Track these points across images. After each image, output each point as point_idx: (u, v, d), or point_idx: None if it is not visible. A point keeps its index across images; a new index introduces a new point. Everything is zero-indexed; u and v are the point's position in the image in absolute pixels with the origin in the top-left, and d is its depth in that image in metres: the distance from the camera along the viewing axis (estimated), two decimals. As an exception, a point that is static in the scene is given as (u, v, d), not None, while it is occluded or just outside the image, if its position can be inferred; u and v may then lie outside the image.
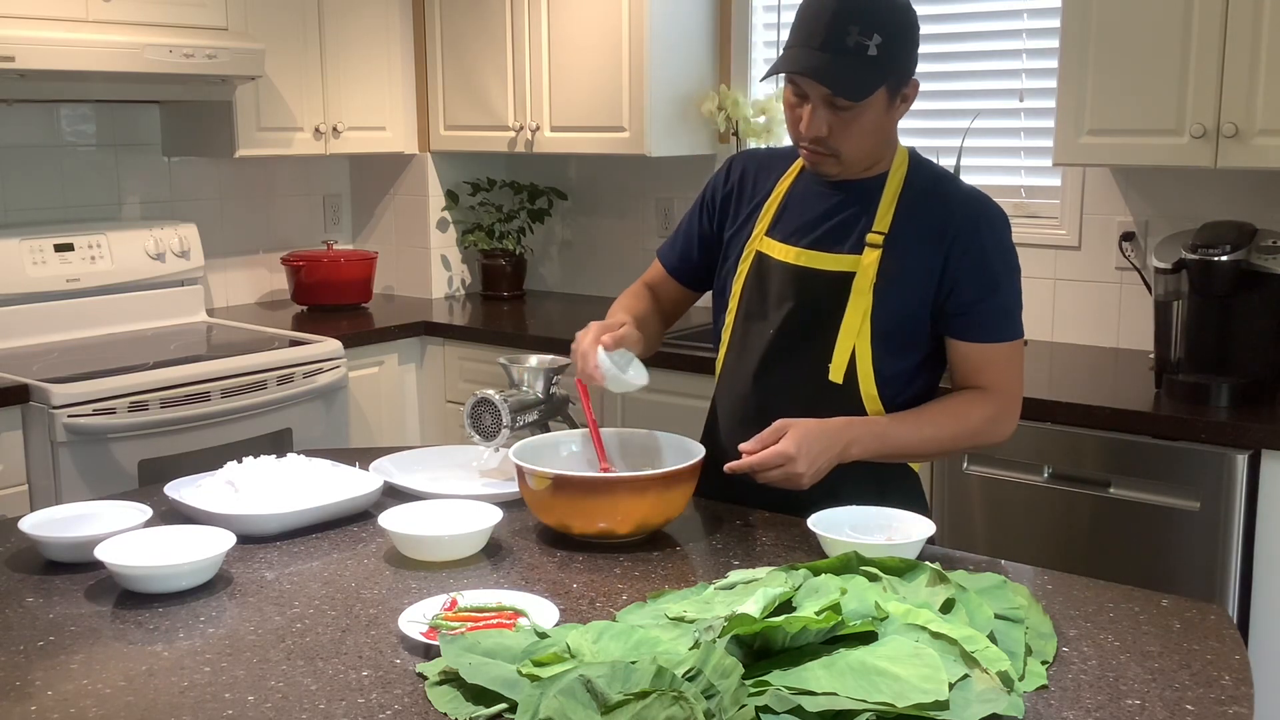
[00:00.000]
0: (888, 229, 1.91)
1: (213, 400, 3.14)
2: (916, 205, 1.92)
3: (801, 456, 1.78)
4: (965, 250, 1.89)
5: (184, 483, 1.99)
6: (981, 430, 1.94)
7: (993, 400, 1.93)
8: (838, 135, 1.86)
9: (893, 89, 1.86)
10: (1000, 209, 1.95)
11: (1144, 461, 2.61)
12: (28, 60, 3.00)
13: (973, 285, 1.89)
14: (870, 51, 1.80)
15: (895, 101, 1.88)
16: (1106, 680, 1.38)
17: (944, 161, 3.39)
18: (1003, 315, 1.92)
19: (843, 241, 1.93)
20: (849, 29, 1.79)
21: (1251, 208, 3.00)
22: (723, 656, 1.26)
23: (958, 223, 1.89)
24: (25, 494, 2.93)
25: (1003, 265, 1.92)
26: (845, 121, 1.85)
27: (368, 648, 1.48)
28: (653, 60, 3.65)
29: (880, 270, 1.89)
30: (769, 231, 2.00)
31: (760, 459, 1.79)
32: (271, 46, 3.63)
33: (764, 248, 2.00)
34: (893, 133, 1.95)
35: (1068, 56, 2.94)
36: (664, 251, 2.21)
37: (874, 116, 1.86)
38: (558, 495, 1.79)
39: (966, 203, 1.93)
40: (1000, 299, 1.91)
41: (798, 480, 1.80)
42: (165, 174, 3.89)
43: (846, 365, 1.91)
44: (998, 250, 1.91)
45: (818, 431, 1.82)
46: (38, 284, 3.42)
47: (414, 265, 4.34)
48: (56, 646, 1.49)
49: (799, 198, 2.00)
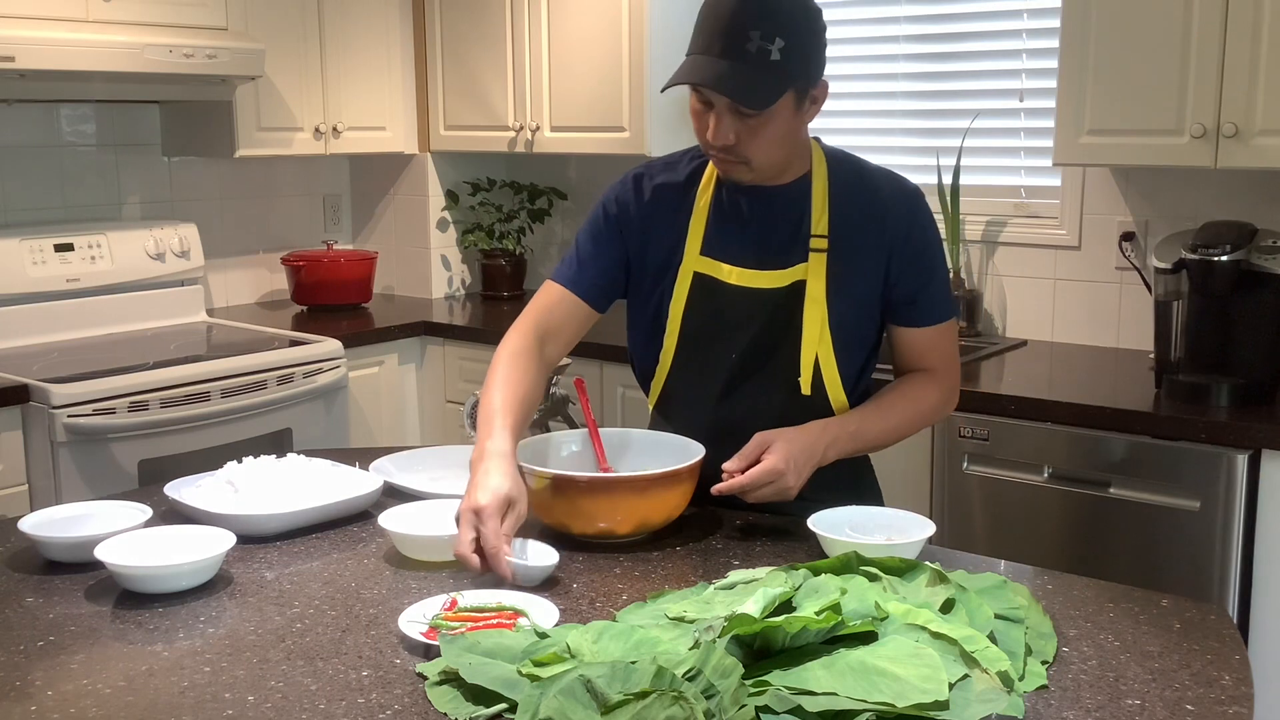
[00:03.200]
0: (827, 230, 1.90)
1: (213, 400, 3.14)
2: (848, 201, 1.92)
3: (791, 470, 1.78)
4: (906, 240, 1.91)
5: (184, 483, 1.99)
6: (936, 409, 2.00)
7: (940, 380, 1.99)
8: (746, 143, 1.82)
9: (800, 92, 1.82)
10: (917, 186, 1.98)
11: (1144, 461, 2.61)
12: (28, 60, 3.00)
13: (916, 274, 1.92)
14: (773, 56, 1.75)
15: (804, 105, 1.84)
16: (1106, 680, 1.38)
17: (944, 162, 3.41)
18: (942, 297, 1.97)
19: (788, 253, 1.91)
20: (749, 34, 1.74)
21: (1251, 208, 3.00)
22: (723, 656, 1.26)
23: (894, 215, 1.91)
24: (25, 494, 2.93)
25: (937, 247, 1.97)
26: (753, 129, 1.81)
27: (368, 648, 1.48)
28: (653, 60, 3.65)
29: (829, 274, 1.90)
30: (705, 250, 1.95)
31: (751, 479, 1.77)
32: (271, 46, 3.63)
33: (704, 268, 1.95)
34: (804, 135, 1.92)
35: (1068, 56, 2.94)
36: (570, 276, 2.01)
37: (782, 122, 1.82)
38: (558, 495, 1.79)
39: (894, 190, 1.94)
40: (939, 281, 1.96)
41: (788, 493, 1.81)
42: (165, 174, 3.89)
43: (813, 374, 1.91)
44: (933, 237, 1.96)
45: (801, 441, 1.82)
46: (38, 284, 3.42)
47: (414, 265, 4.34)
48: (56, 646, 1.49)
49: (728, 213, 1.95)
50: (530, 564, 1.65)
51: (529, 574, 1.64)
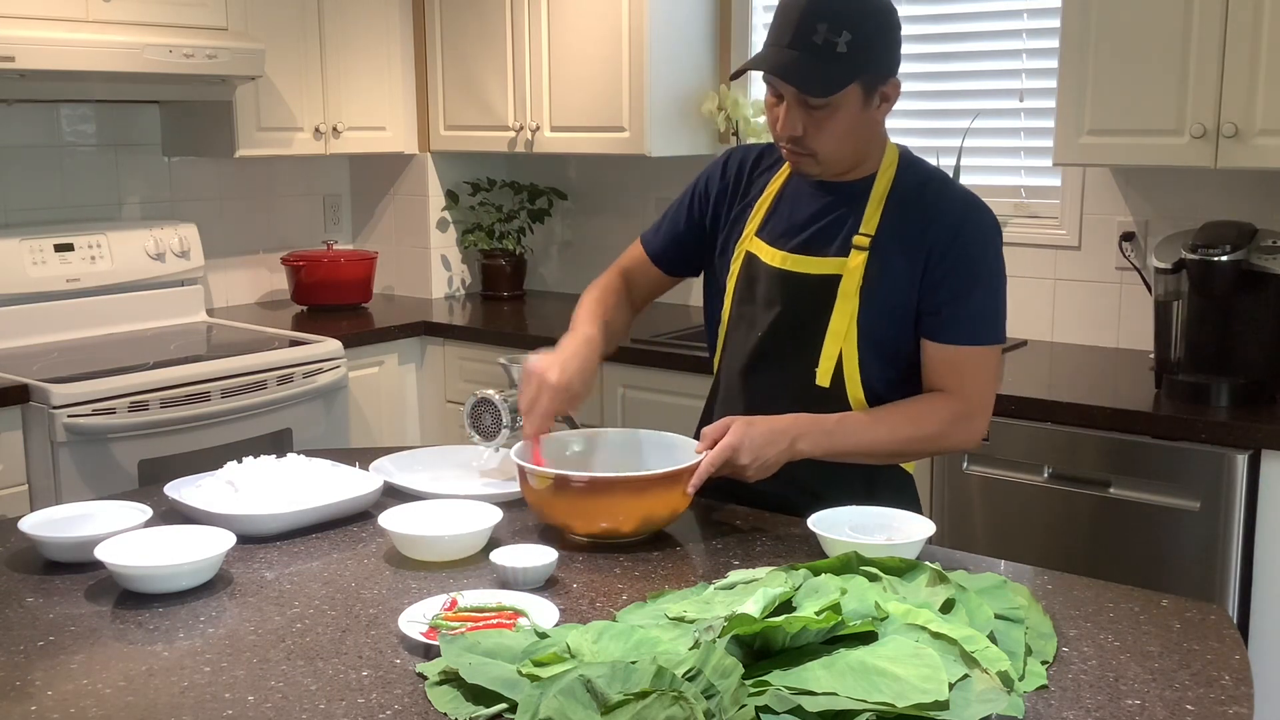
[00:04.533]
0: (874, 232, 1.89)
1: (213, 400, 3.14)
2: (903, 208, 1.90)
3: (745, 449, 1.80)
4: (944, 254, 1.87)
5: (184, 483, 1.99)
6: (941, 434, 1.90)
7: (954, 404, 1.89)
8: (813, 135, 1.86)
9: (868, 87, 1.84)
10: (991, 216, 1.92)
11: (1144, 461, 2.61)
12: (28, 60, 3.00)
13: (947, 287, 1.87)
14: (839, 49, 1.79)
15: (873, 100, 1.86)
16: (1106, 680, 1.38)
17: (944, 162, 3.41)
18: (975, 318, 1.88)
19: (829, 244, 1.92)
20: (817, 26, 1.79)
21: (1251, 208, 3.00)
22: (723, 656, 1.26)
23: (940, 227, 1.87)
24: (25, 494, 2.93)
25: (982, 270, 1.89)
26: (819, 121, 1.84)
27: (368, 648, 1.48)
28: (653, 60, 3.65)
29: (866, 274, 1.88)
30: (759, 232, 2.00)
31: (709, 460, 1.80)
32: (271, 46, 3.63)
33: (753, 248, 2.00)
34: (876, 133, 1.93)
35: (1068, 56, 2.94)
36: (649, 236, 2.20)
37: (849, 115, 1.84)
38: (559, 495, 1.79)
39: (953, 207, 1.90)
40: (974, 302, 1.88)
41: (742, 472, 1.82)
42: (165, 174, 3.89)
43: (833, 369, 1.91)
44: (979, 255, 1.89)
45: (764, 425, 1.83)
46: (38, 284, 3.42)
47: (414, 265, 4.34)
48: (56, 646, 1.49)
49: (789, 199, 1.99)
50: (530, 564, 1.65)
51: (529, 574, 1.64)
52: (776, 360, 1.96)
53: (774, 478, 1.86)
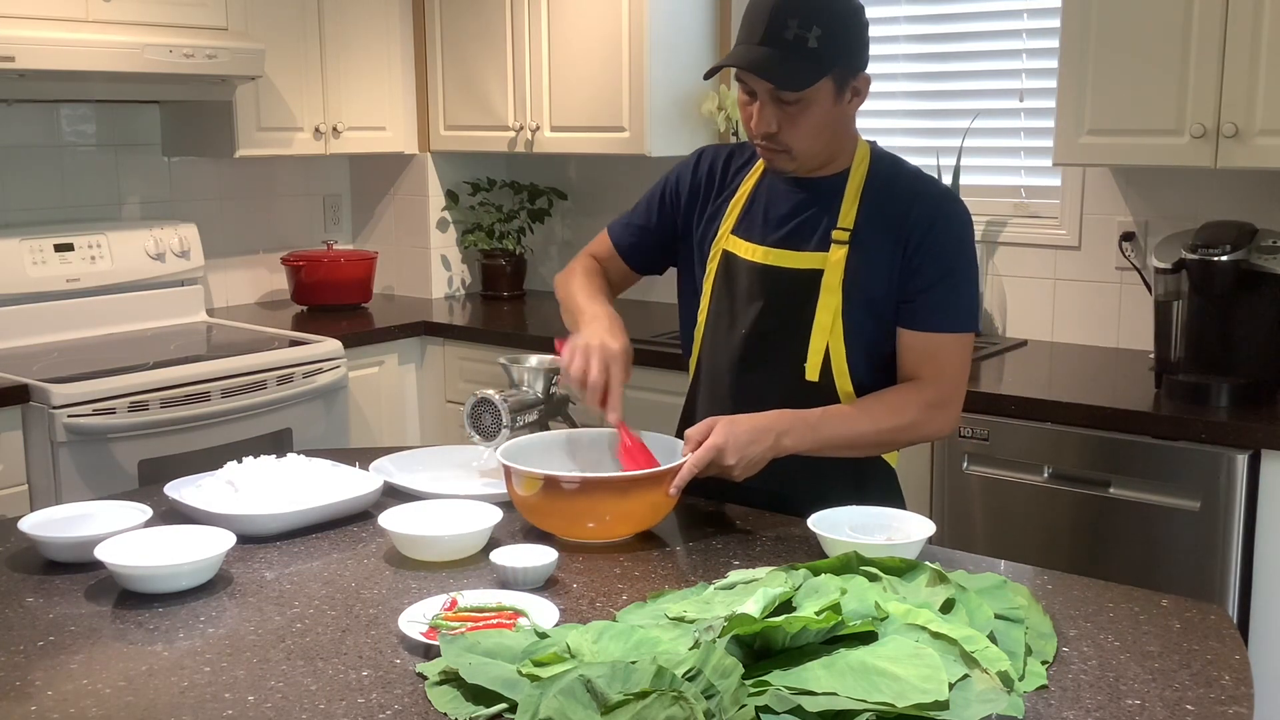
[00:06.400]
0: (852, 225, 1.92)
1: (213, 400, 3.14)
2: (880, 201, 1.93)
3: (730, 449, 1.80)
4: (921, 243, 1.90)
5: (184, 483, 1.99)
6: (918, 423, 1.92)
7: (928, 392, 1.92)
8: (787, 131, 1.87)
9: (840, 81, 1.86)
10: (962, 207, 1.95)
11: (1144, 461, 2.61)
12: (28, 60, 3.00)
13: (922, 276, 1.90)
14: (810, 44, 1.81)
15: (845, 95, 1.88)
16: (1106, 680, 1.38)
17: (944, 162, 3.41)
18: (947, 306, 1.92)
19: (807, 240, 1.94)
20: (788, 22, 1.81)
21: (1251, 208, 3.00)
22: (723, 656, 1.26)
23: (917, 217, 1.90)
24: (25, 494, 2.93)
25: (955, 260, 1.92)
26: (792, 116, 1.86)
27: (368, 648, 1.48)
28: (653, 60, 3.65)
29: (848, 267, 1.91)
30: (735, 230, 2.01)
31: (694, 459, 1.80)
32: (271, 46, 3.63)
33: (730, 246, 2.01)
34: (849, 128, 1.95)
35: (1068, 56, 2.94)
36: (617, 231, 2.20)
37: (822, 110, 1.86)
38: (545, 497, 1.79)
39: (929, 198, 1.93)
40: (946, 290, 1.91)
41: (729, 472, 1.82)
42: (165, 174, 3.89)
43: (821, 363, 1.92)
44: (955, 245, 1.92)
45: (748, 424, 1.83)
46: (38, 284, 3.42)
47: (414, 265, 4.34)
48: (56, 646, 1.49)
49: (764, 197, 2.01)
50: (530, 564, 1.65)
51: (529, 574, 1.64)
52: (763, 356, 1.97)
53: (760, 474, 1.86)
